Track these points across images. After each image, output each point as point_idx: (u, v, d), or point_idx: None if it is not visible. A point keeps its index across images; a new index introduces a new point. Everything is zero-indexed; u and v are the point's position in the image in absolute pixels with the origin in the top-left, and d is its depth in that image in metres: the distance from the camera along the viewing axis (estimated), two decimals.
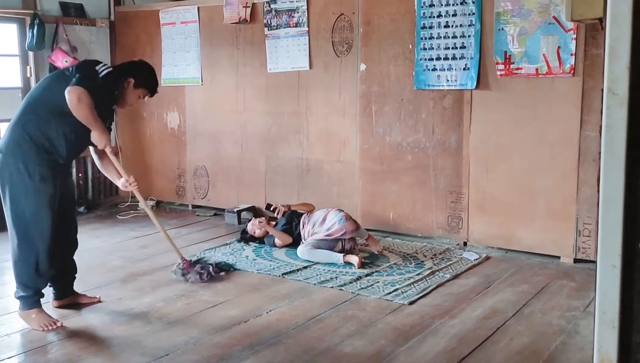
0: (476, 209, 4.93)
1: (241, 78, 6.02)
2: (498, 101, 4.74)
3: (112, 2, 6.72)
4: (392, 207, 5.32)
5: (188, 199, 6.57)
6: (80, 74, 3.38)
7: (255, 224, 5.13)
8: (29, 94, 3.55)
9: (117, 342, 3.33)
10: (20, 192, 3.39)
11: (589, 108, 4.39)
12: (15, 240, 3.43)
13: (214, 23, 6.08)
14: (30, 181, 3.38)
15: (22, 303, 3.54)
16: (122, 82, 3.63)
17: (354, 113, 5.41)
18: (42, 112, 3.41)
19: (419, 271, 4.39)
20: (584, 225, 4.50)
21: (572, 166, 4.50)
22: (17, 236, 3.42)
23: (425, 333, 3.40)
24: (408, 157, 5.18)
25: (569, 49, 4.39)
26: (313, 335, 3.38)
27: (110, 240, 5.36)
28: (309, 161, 5.73)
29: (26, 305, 3.52)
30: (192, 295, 4.01)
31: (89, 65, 3.56)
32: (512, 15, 4.57)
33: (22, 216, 3.40)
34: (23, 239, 3.42)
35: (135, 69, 3.72)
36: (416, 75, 5.04)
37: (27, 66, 6.13)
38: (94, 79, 3.41)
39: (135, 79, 3.65)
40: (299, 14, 5.56)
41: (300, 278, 4.29)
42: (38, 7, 6.04)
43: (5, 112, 6.02)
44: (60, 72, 3.67)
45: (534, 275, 4.36)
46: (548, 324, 3.51)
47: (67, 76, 3.42)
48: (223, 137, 6.23)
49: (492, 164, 4.83)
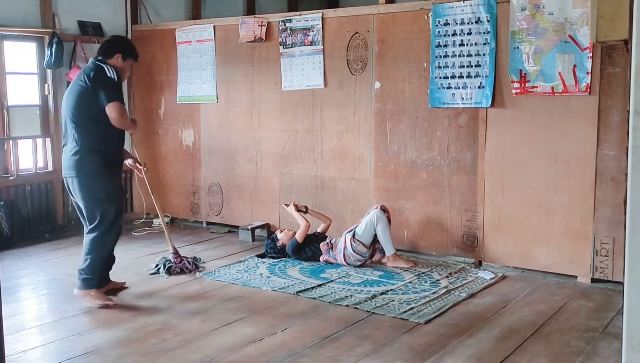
0: (491, 228, 4.90)
1: (256, 96, 6.06)
2: (514, 119, 4.73)
3: (129, 20, 6.82)
4: (407, 225, 5.30)
5: (202, 216, 6.58)
6: (106, 89, 4.04)
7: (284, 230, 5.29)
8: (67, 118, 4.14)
9: (131, 359, 3.33)
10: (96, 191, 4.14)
11: (605, 127, 4.37)
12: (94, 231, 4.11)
13: (229, 41, 6.14)
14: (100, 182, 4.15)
15: (84, 284, 4.13)
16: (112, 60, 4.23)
17: (368, 131, 5.42)
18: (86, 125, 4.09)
19: (435, 290, 4.36)
20: (601, 245, 4.45)
21: (589, 185, 4.47)
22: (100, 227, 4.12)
23: (442, 353, 3.36)
24: (423, 175, 5.17)
25: (585, 68, 4.38)
26: (328, 354, 3.36)
27: (125, 256, 5.37)
28: (324, 178, 5.73)
29: (87, 286, 4.14)
30: (206, 313, 4.01)
31: (102, 73, 4.09)
32: (527, 33, 4.58)
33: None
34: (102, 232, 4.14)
35: (116, 46, 4.30)
36: (431, 93, 5.04)
37: (45, 83, 6.21)
38: (115, 85, 4.10)
39: (122, 54, 4.26)
40: (314, 33, 5.60)
41: (315, 296, 4.27)
42: (57, 25, 6.13)
43: (24, 129, 6.12)
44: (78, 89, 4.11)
45: (551, 294, 4.31)
46: (566, 345, 3.47)
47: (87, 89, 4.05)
48: (237, 154, 6.26)
49: (508, 183, 4.80)
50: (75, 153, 4.08)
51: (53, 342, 3.57)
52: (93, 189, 4.09)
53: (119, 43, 4.37)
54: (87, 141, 4.07)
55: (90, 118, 4.07)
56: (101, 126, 4.08)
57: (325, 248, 5.01)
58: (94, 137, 4.09)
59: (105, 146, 4.14)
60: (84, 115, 4.07)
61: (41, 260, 5.32)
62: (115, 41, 4.40)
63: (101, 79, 4.06)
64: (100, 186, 4.10)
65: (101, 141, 4.11)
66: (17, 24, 5.88)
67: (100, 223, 4.12)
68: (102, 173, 4.10)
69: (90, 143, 4.07)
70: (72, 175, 4.11)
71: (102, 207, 4.11)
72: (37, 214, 6.14)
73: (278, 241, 5.22)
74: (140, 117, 6.90)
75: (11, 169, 5.97)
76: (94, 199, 4.10)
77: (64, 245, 5.83)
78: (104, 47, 4.29)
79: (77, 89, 4.11)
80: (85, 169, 4.07)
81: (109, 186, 4.14)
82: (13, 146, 5.97)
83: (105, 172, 4.12)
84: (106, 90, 4.03)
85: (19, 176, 6.00)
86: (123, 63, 4.26)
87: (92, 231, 4.14)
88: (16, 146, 6.00)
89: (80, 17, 6.41)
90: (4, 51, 5.88)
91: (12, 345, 3.44)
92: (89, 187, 4.09)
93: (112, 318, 3.93)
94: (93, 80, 4.05)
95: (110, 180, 4.16)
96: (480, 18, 4.78)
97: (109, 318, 3.92)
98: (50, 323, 3.86)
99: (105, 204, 4.11)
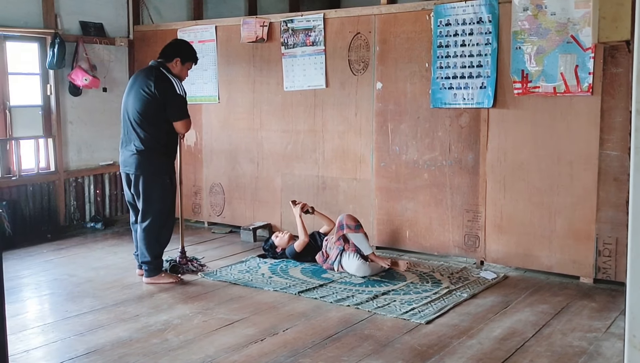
0: (493, 228, 4.90)
1: (258, 96, 6.06)
2: (515, 120, 4.73)
3: (131, 21, 6.82)
4: (408, 225, 5.30)
5: (204, 216, 6.59)
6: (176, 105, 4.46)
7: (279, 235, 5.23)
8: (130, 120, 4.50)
9: (133, 359, 3.33)
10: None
11: (608, 127, 4.37)
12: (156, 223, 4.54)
13: (231, 42, 6.14)
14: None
15: (153, 272, 4.59)
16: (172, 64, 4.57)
17: (370, 131, 5.42)
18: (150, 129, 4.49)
19: (436, 290, 4.36)
20: (604, 245, 4.44)
21: (592, 185, 4.46)
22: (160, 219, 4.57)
23: (443, 354, 3.36)
24: (424, 175, 5.17)
25: (587, 68, 4.38)
26: (330, 355, 3.36)
27: (127, 256, 5.38)
28: (325, 178, 5.73)
29: (155, 272, 4.60)
30: (208, 313, 4.01)
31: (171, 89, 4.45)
32: (529, 34, 4.57)
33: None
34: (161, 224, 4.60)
35: (176, 50, 4.62)
36: (432, 93, 5.04)
37: (47, 84, 6.21)
38: (183, 101, 4.52)
39: (181, 58, 4.58)
40: (315, 33, 5.60)
41: (317, 297, 4.27)
42: (59, 26, 6.14)
43: (27, 129, 6.12)
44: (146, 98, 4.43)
45: (553, 295, 4.31)
46: (569, 345, 3.46)
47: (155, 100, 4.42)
48: (239, 154, 6.26)
49: (510, 183, 4.80)
50: (139, 152, 4.47)
51: (55, 342, 3.57)
52: (154, 187, 4.51)
53: (179, 47, 4.67)
54: (151, 142, 4.47)
55: (154, 124, 4.48)
56: (163, 130, 4.51)
57: (322, 260, 4.92)
58: (157, 140, 4.49)
59: (166, 147, 4.57)
60: (149, 120, 4.46)
61: (43, 260, 5.33)
62: (175, 45, 4.71)
63: (171, 95, 4.45)
64: (161, 184, 4.53)
65: (163, 144, 4.53)
66: (20, 24, 5.89)
67: (159, 217, 4.55)
68: (163, 171, 4.55)
69: (153, 143, 4.48)
70: (134, 172, 4.51)
71: (161, 203, 4.54)
72: (39, 214, 6.14)
73: (277, 248, 5.21)
74: None
75: (13, 170, 5.98)
76: (155, 196, 4.52)
77: (66, 245, 5.84)
78: (165, 51, 4.62)
79: (144, 97, 4.44)
80: (148, 168, 4.49)
81: (168, 183, 4.57)
82: (15, 147, 5.97)
83: (166, 171, 4.56)
84: (176, 106, 4.47)
85: (21, 177, 6.01)
86: (182, 66, 4.61)
87: (151, 224, 4.54)
88: (18, 146, 6.00)
89: (82, 17, 6.42)
90: (7, 51, 5.88)
91: (14, 345, 3.45)
92: (150, 185, 4.50)
93: (113, 318, 3.93)
94: (162, 94, 4.42)
95: (169, 178, 4.59)
96: (482, 18, 4.77)
97: (110, 318, 3.92)
98: (52, 323, 3.86)
99: (163, 200, 4.55)
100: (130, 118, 4.49)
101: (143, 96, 4.43)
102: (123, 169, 4.61)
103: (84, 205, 6.55)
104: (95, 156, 6.63)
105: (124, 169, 4.59)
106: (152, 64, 4.57)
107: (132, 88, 4.53)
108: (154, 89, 4.40)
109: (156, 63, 4.56)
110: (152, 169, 4.50)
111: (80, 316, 3.97)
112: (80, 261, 5.27)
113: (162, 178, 4.54)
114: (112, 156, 6.72)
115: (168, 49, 4.63)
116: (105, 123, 6.66)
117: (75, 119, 6.43)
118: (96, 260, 5.33)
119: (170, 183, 4.60)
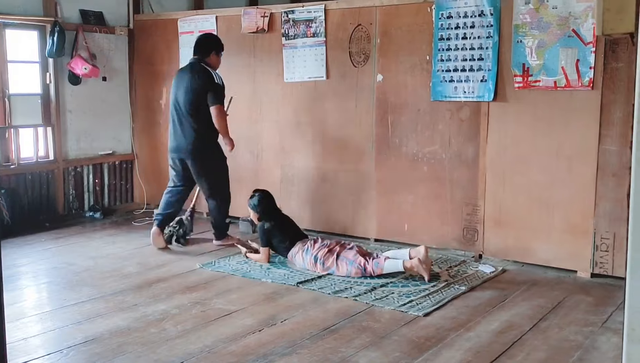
0: (492, 222, 4.90)
1: (258, 87, 6.05)
2: (516, 114, 4.72)
3: (132, 10, 6.79)
4: (408, 218, 5.30)
5: (202, 207, 6.57)
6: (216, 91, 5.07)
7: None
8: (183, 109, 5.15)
9: (131, 348, 3.34)
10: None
11: (608, 122, 4.36)
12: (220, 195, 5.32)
13: (231, 32, 6.11)
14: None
15: (221, 234, 5.41)
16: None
17: (370, 123, 5.41)
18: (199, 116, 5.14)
19: (434, 283, 4.37)
20: (601, 240, 4.45)
21: (590, 180, 4.46)
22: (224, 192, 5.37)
23: (440, 346, 3.37)
24: (424, 168, 5.17)
25: (588, 62, 4.37)
26: (327, 346, 3.37)
27: (125, 246, 5.38)
28: (325, 170, 5.73)
29: (223, 235, 5.42)
30: (206, 303, 4.02)
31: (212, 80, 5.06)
32: (530, 27, 4.56)
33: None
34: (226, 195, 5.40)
35: (210, 44, 5.22)
36: (433, 86, 5.03)
37: (47, 72, 6.20)
38: (221, 89, 5.12)
39: (215, 50, 5.22)
40: (316, 24, 5.58)
41: (315, 288, 4.28)
42: (59, 14, 6.12)
43: (26, 118, 6.11)
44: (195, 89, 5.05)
45: (550, 289, 4.32)
46: (565, 339, 3.47)
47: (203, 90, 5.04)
48: (238, 146, 6.20)
49: (509, 177, 4.80)
50: (196, 137, 5.12)
51: (53, 330, 3.58)
52: (216, 167, 5.24)
53: (211, 42, 5.27)
54: (203, 128, 5.12)
55: (202, 111, 5.10)
56: (208, 116, 5.10)
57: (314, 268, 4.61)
58: (207, 125, 5.11)
59: (215, 131, 5.17)
60: (199, 109, 5.08)
61: (41, 248, 5.33)
62: (207, 41, 5.27)
63: (210, 84, 5.06)
64: (220, 163, 5.29)
65: (213, 129, 5.14)
66: (19, 12, 5.87)
67: (222, 191, 5.31)
68: (219, 149, 5.26)
69: (205, 129, 5.12)
70: (194, 155, 5.13)
71: (222, 180, 5.31)
72: (37, 203, 6.14)
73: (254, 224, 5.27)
74: (142, 107, 6.89)
75: (12, 158, 5.97)
76: (216, 175, 5.25)
77: (64, 234, 5.84)
78: (200, 50, 5.18)
79: (194, 88, 5.05)
80: (207, 151, 5.18)
81: (224, 162, 5.31)
82: (14, 135, 5.97)
83: (220, 151, 5.27)
84: (213, 92, 5.06)
85: (20, 165, 6.00)
86: (217, 57, 5.24)
87: (215, 199, 5.31)
88: (17, 134, 5.99)
89: (82, 5, 6.39)
90: (6, 39, 5.86)
91: (12, 333, 3.46)
92: (212, 165, 5.22)
93: (112, 307, 3.94)
94: (207, 85, 5.04)
95: (223, 156, 5.30)
96: (484, 11, 4.76)
97: (108, 307, 3.93)
98: (50, 312, 3.87)
99: (224, 177, 5.31)
100: (182, 109, 5.11)
101: (194, 88, 5.04)
102: (177, 155, 5.21)
103: (82, 194, 6.55)
104: (95, 146, 6.62)
105: (179, 155, 5.20)
106: (192, 61, 5.17)
107: (180, 83, 5.14)
108: (199, 81, 5.03)
109: (195, 60, 5.15)
110: (212, 148, 5.20)
111: (79, 305, 3.97)
112: (78, 250, 5.28)
113: (220, 158, 5.26)
114: (112, 146, 6.71)
115: (202, 46, 5.18)
116: (105, 113, 6.65)
117: (74, 108, 6.41)
118: (94, 249, 5.33)
119: (224, 162, 5.33)
